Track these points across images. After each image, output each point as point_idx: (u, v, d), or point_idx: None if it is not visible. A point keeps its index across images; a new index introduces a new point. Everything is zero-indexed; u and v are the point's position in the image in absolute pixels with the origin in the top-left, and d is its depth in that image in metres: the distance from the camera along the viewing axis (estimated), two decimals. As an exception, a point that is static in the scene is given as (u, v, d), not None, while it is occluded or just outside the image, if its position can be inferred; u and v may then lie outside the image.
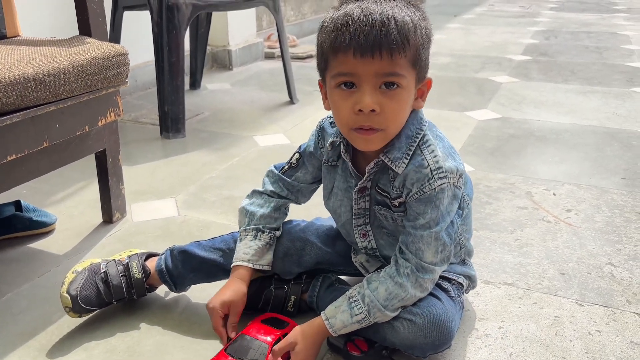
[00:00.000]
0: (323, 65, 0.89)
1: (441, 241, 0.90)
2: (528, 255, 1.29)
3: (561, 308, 1.10)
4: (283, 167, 1.08)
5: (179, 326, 1.06)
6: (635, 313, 1.09)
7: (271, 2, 2.32)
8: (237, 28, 3.13)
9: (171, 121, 2.03)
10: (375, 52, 0.81)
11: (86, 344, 1.01)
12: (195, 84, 2.71)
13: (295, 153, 1.07)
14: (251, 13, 3.26)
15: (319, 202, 1.09)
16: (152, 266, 1.09)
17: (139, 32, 2.44)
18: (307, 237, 1.08)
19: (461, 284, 1.02)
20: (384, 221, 0.98)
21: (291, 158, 1.07)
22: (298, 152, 1.07)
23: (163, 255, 1.10)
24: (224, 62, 3.10)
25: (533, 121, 2.22)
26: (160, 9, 1.97)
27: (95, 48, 1.21)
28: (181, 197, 1.58)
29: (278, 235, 1.07)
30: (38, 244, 1.33)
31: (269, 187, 1.08)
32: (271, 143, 2.00)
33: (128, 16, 2.28)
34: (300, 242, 1.07)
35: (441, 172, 0.88)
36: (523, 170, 1.75)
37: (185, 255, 1.08)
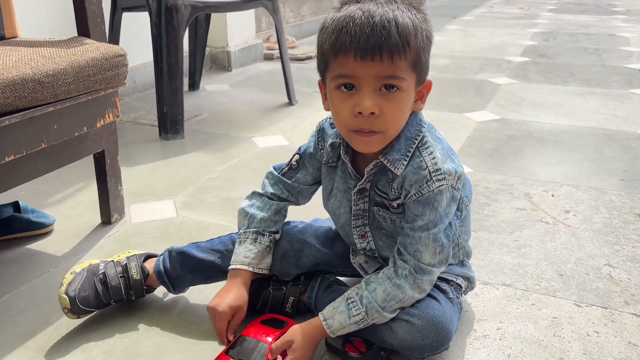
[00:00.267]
0: (323, 66, 0.89)
1: (439, 243, 0.90)
2: (526, 256, 1.29)
3: (559, 309, 1.10)
4: (283, 169, 1.08)
5: (178, 327, 1.06)
6: (633, 314, 1.09)
7: (270, 4, 2.32)
8: (236, 29, 3.13)
9: (170, 122, 2.03)
10: (375, 55, 0.81)
11: (84, 345, 1.01)
12: (194, 85, 2.71)
13: (295, 154, 1.07)
14: (250, 14, 3.26)
15: (318, 203, 1.09)
16: (151, 267, 1.09)
17: (138, 33, 2.44)
18: (306, 239, 1.08)
19: (460, 285, 1.02)
20: (383, 222, 0.98)
21: (291, 159, 1.07)
22: (298, 154, 1.07)
23: (161, 256, 1.10)
24: (223, 64, 3.10)
25: (532, 122, 2.22)
26: (159, 10, 1.97)
27: (93, 49, 1.21)
28: (180, 198, 1.58)
29: (278, 238, 1.07)
30: (36, 245, 1.33)
31: (269, 189, 1.08)
32: (270, 144, 2.00)
33: (127, 17, 2.28)
34: (298, 244, 1.07)
35: (439, 174, 0.88)
36: (522, 171, 1.75)
37: (183, 256, 1.08)
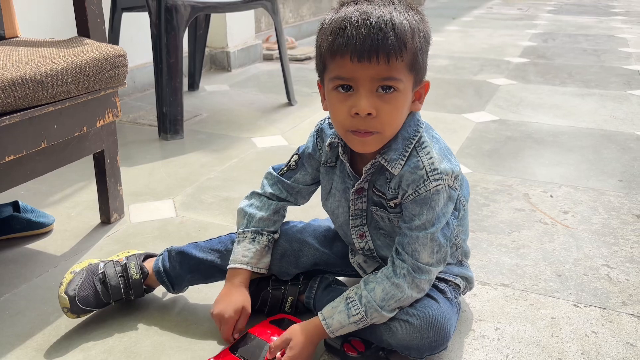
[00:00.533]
0: (321, 67, 0.89)
1: (437, 242, 0.91)
2: (525, 256, 1.29)
3: (557, 309, 1.11)
4: (282, 169, 1.08)
5: (177, 327, 1.06)
6: (631, 314, 1.09)
7: (270, 4, 2.32)
8: (236, 30, 3.13)
9: (169, 122, 2.03)
10: (372, 57, 0.81)
11: (84, 345, 1.01)
12: (193, 86, 2.71)
13: (294, 155, 1.07)
14: (250, 15, 3.26)
15: (317, 203, 1.09)
16: (150, 267, 1.09)
17: (138, 34, 2.44)
18: (305, 238, 1.08)
19: (458, 286, 1.03)
20: (381, 222, 0.98)
21: (290, 160, 1.08)
22: (297, 154, 1.07)
23: (161, 256, 1.10)
24: (223, 64, 3.11)
25: (531, 123, 2.22)
26: (158, 11, 1.97)
27: (93, 49, 1.22)
28: (179, 198, 1.58)
29: (276, 237, 1.07)
30: (36, 245, 1.33)
31: (268, 190, 1.08)
32: (269, 145, 2.00)
33: (127, 17, 2.28)
34: (297, 243, 1.07)
35: (436, 174, 0.89)
36: (520, 172, 1.76)
37: (183, 256, 1.08)
